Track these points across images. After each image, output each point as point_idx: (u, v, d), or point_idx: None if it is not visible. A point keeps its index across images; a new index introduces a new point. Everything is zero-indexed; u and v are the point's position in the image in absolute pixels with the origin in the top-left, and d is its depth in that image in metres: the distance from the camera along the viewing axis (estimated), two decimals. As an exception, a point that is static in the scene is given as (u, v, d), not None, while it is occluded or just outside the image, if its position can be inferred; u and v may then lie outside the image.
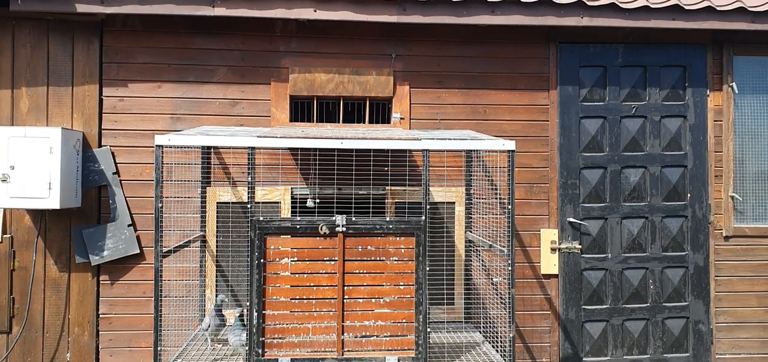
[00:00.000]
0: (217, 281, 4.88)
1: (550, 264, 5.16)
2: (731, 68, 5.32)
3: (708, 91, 5.31)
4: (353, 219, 3.82)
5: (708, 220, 5.30)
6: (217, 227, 4.88)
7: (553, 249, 5.16)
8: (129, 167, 4.87)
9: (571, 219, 5.17)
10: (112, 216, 4.83)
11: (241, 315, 4.19)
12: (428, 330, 3.85)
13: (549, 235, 5.16)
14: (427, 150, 3.82)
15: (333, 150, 4.59)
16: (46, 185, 4.43)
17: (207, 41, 4.94)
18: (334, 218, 3.81)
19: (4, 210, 4.75)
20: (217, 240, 4.87)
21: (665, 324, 5.26)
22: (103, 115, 4.88)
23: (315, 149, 4.63)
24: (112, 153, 4.85)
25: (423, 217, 3.84)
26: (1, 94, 4.79)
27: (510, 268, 3.88)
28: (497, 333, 4.68)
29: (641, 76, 5.27)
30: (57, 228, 4.81)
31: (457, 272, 4.97)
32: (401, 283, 3.86)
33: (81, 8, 4.57)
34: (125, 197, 4.85)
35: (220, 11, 4.64)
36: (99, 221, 4.85)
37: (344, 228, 3.81)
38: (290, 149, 4.93)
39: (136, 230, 4.86)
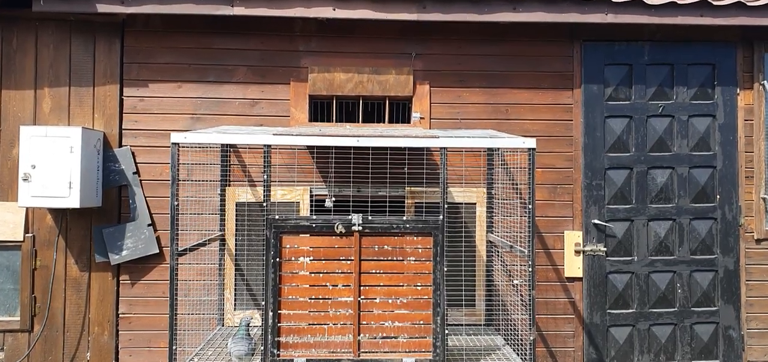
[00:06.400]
0: (235, 281, 4.86)
1: (574, 266, 5.05)
2: (762, 66, 5.15)
3: (738, 90, 5.16)
4: (370, 218, 3.77)
5: (738, 223, 5.14)
6: (236, 227, 4.86)
7: (577, 252, 5.05)
8: (149, 167, 4.88)
9: (596, 221, 5.05)
10: (132, 215, 4.84)
11: (249, 324, 4.09)
12: (447, 332, 3.78)
13: (573, 237, 5.05)
14: (445, 148, 3.75)
15: (351, 149, 4.54)
16: (66, 184, 4.45)
17: (226, 41, 4.94)
18: (350, 217, 3.76)
19: (26, 209, 4.79)
20: (235, 241, 4.85)
21: (694, 330, 5.11)
22: (124, 115, 4.90)
23: (332, 148, 4.58)
24: (133, 153, 4.87)
25: (441, 217, 3.77)
26: (25, 93, 4.84)
27: (531, 270, 3.78)
28: (519, 336, 4.58)
29: (668, 75, 5.14)
30: (78, 228, 4.84)
31: (478, 274, 4.88)
32: (418, 284, 3.79)
33: (102, 8, 4.60)
34: (145, 197, 4.86)
35: (239, 11, 4.63)
36: (119, 221, 4.87)
37: (361, 228, 3.76)
38: (309, 149, 4.89)
39: (155, 230, 4.86)
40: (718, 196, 5.13)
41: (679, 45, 5.12)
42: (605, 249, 5.05)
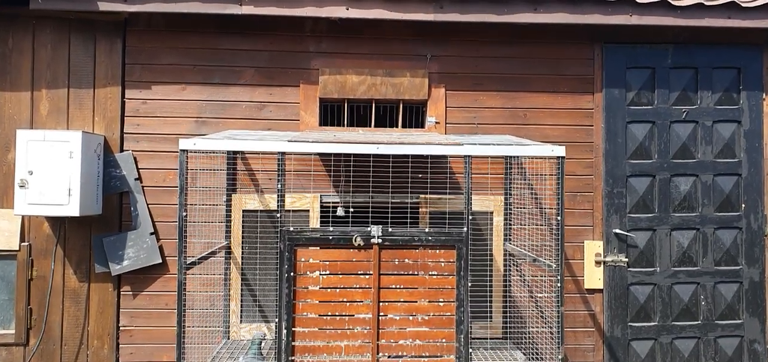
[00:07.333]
0: (242, 293, 4.64)
1: (594, 278, 4.85)
2: (790, 70, 4.98)
3: (764, 95, 4.98)
4: (390, 230, 3.56)
5: (764, 232, 4.95)
6: (242, 236, 4.65)
7: (597, 263, 4.85)
8: (152, 173, 4.66)
9: (617, 231, 4.85)
10: (134, 224, 4.61)
11: (261, 342, 3.89)
12: (470, 350, 3.57)
13: (593, 247, 4.85)
14: (469, 156, 3.55)
15: (364, 156, 4.33)
16: (65, 191, 4.22)
17: (234, 41, 4.72)
18: (369, 229, 3.55)
19: (22, 217, 4.56)
20: (242, 250, 4.64)
21: (718, 344, 4.92)
22: (126, 118, 4.67)
23: (350, 155, 4.37)
24: (135, 158, 4.64)
25: (464, 228, 3.56)
26: (21, 95, 4.61)
27: (559, 285, 3.58)
28: (538, 351, 4.39)
29: (692, 79, 4.95)
30: (77, 237, 4.61)
31: (495, 286, 4.67)
32: (440, 300, 3.59)
33: (103, 6, 4.37)
34: (147, 204, 4.63)
35: (247, 10, 4.42)
36: (120, 229, 4.64)
37: (380, 240, 3.55)
38: (320, 155, 4.68)
39: (158, 239, 4.64)
40: (743, 205, 4.94)
41: (703, 48, 4.94)
42: (627, 259, 4.86)
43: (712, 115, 4.95)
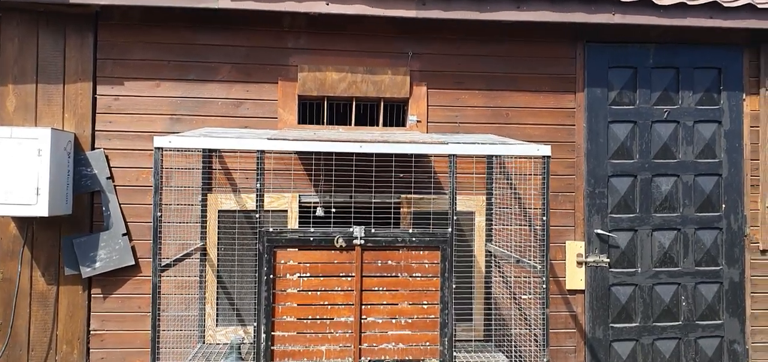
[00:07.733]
0: (218, 296, 4.50)
1: (576, 278, 4.81)
2: (770, 71, 5.00)
3: (744, 95, 4.98)
4: (373, 230, 3.47)
5: (744, 233, 4.96)
6: (218, 237, 4.51)
7: (579, 263, 4.81)
8: (124, 171, 4.50)
9: (599, 231, 4.82)
10: (106, 224, 4.45)
11: (240, 346, 3.78)
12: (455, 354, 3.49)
13: (575, 248, 4.81)
14: (454, 155, 3.47)
15: (344, 155, 4.22)
16: (33, 190, 4.05)
17: (210, 37, 4.58)
18: (351, 229, 3.46)
19: (-12, 217, 4.38)
20: (218, 251, 4.50)
21: (698, 344, 4.91)
22: (97, 115, 4.51)
23: (328, 153, 4.26)
24: (106, 156, 4.48)
25: (449, 229, 3.48)
26: (-14, 91, 4.43)
27: (545, 286, 3.52)
28: (521, 354, 4.33)
29: (674, 79, 4.93)
30: (45, 238, 4.44)
31: (476, 287, 4.60)
32: (424, 302, 3.50)
33: (74, -1, 4.22)
34: (120, 204, 4.48)
35: (224, 4, 4.29)
36: (91, 230, 4.48)
37: (362, 241, 3.45)
38: (298, 153, 4.57)
39: (131, 240, 4.49)
40: (723, 205, 4.94)
41: (685, 48, 4.92)
42: (608, 260, 4.83)
43: (693, 115, 4.94)
